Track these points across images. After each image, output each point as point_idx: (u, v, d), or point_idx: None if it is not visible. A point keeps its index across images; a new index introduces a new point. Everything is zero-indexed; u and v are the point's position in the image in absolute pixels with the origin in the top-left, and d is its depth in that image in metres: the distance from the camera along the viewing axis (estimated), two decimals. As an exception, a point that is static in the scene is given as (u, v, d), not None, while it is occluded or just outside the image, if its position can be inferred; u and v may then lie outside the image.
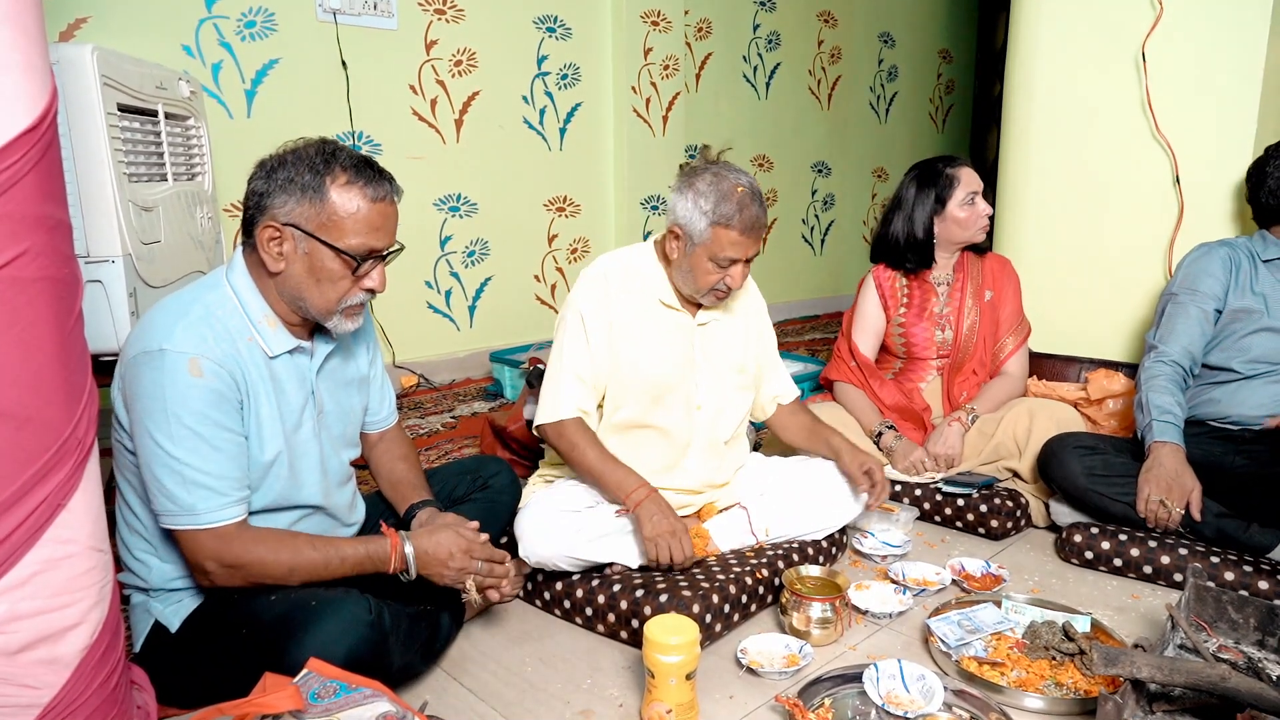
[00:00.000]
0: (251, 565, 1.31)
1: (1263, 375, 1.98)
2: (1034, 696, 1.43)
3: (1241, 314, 2.01)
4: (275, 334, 1.38)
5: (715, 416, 1.88)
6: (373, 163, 1.37)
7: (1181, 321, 2.06)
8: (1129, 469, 1.95)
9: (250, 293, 1.36)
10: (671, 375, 1.82)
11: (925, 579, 1.87)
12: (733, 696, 1.48)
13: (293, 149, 1.35)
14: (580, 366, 1.78)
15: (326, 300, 1.36)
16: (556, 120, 3.97)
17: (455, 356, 3.76)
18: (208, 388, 1.27)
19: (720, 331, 1.89)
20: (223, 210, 3.03)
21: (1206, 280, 2.05)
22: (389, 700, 1.20)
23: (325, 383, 1.50)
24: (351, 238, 1.33)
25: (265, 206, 1.32)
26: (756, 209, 1.68)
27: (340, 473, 1.56)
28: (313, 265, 1.34)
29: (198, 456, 1.26)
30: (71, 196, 1.71)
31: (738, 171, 1.72)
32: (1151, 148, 2.49)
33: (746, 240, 1.69)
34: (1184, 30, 2.39)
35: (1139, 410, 2.02)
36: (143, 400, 1.26)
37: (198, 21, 2.92)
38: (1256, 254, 2.05)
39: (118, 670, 1.07)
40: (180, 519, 1.28)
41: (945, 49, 6.07)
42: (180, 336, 1.27)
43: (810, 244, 5.42)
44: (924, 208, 2.34)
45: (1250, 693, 1.23)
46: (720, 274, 1.73)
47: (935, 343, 2.41)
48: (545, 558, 1.69)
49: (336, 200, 1.31)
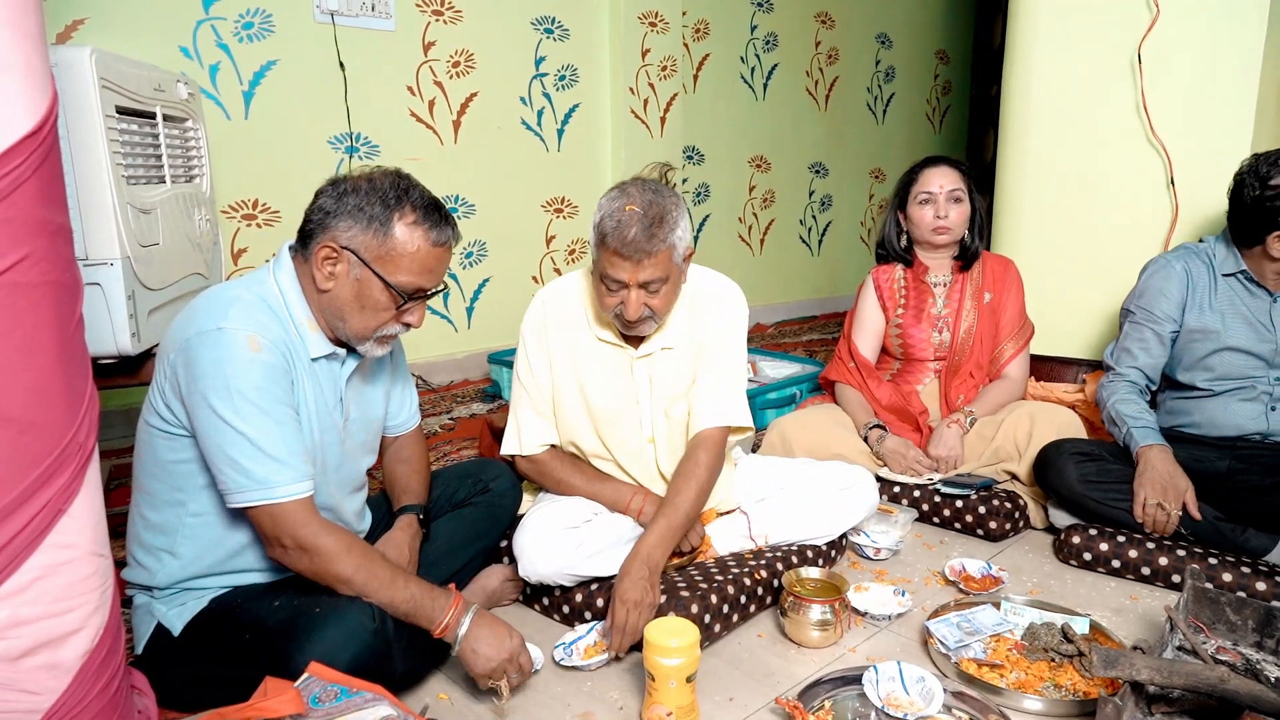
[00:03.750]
0: (321, 553, 1.30)
1: (1232, 391, 1.97)
2: (1033, 698, 1.44)
3: (1199, 334, 1.98)
4: (315, 338, 1.40)
5: (669, 450, 1.79)
6: (441, 206, 1.40)
7: (1137, 344, 2.06)
8: (1125, 475, 1.95)
9: (295, 294, 1.39)
10: (612, 409, 1.75)
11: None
12: (733, 699, 1.48)
13: (369, 176, 1.38)
14: (536, 398, 1.78)
15: (365, 326, 1.39)
16: (554, 121, 3.97)
17: (453, 358, 3.76)
18: (267, 363, 1.29)
19: (668, 360, 1.75)
20: (221, 212, 3.03)
21: (1161, 302, 2.02)
22: (390, 704, 1.20)
23: (353, 390, 1.52)
24: (404, 275, 1.36)
25: (328, 225, 1.35)
26: (637, 232, 1.52)
27: (355, 480, 1.57)
28: (360, 292, 1.36)
29: (264, 431, 1.28)
30: (70, 199, 1.70)
31: (654, 191, 1.58)
32: (1147, 150, 2.50)
33: (623, 262, 1.54)
34: (1180, 32, 2.40)
35: (1112, 426, 2.06)
36: (204, 379, 1.26)
37: (195, 23, 2.92)
38: (1215, 266, 1.99)
39: (118, 675, 1.07)
40: (254, 493, 1.28)
41: (942, 50, 6.08)
42: (236, 316, 1.29)
43: (807, 245, 5.43)
44: (892, 205, 2.45)
45: (1249, 694, 1.24)
46: (615, 299, 1.61)
47: (932, 344, 2.41)
48: (546, 575, 1.67)
49: (400, 237, 1.35)
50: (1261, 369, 1.93)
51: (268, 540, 1.33)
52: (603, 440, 1.79)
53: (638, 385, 1.76)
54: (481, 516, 1.78)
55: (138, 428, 1.40)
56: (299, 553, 1.31)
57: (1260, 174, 1.83)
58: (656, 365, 1.76)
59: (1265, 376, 1.93)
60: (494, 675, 1.39)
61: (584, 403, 1.76)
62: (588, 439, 1.80)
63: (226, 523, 1.39)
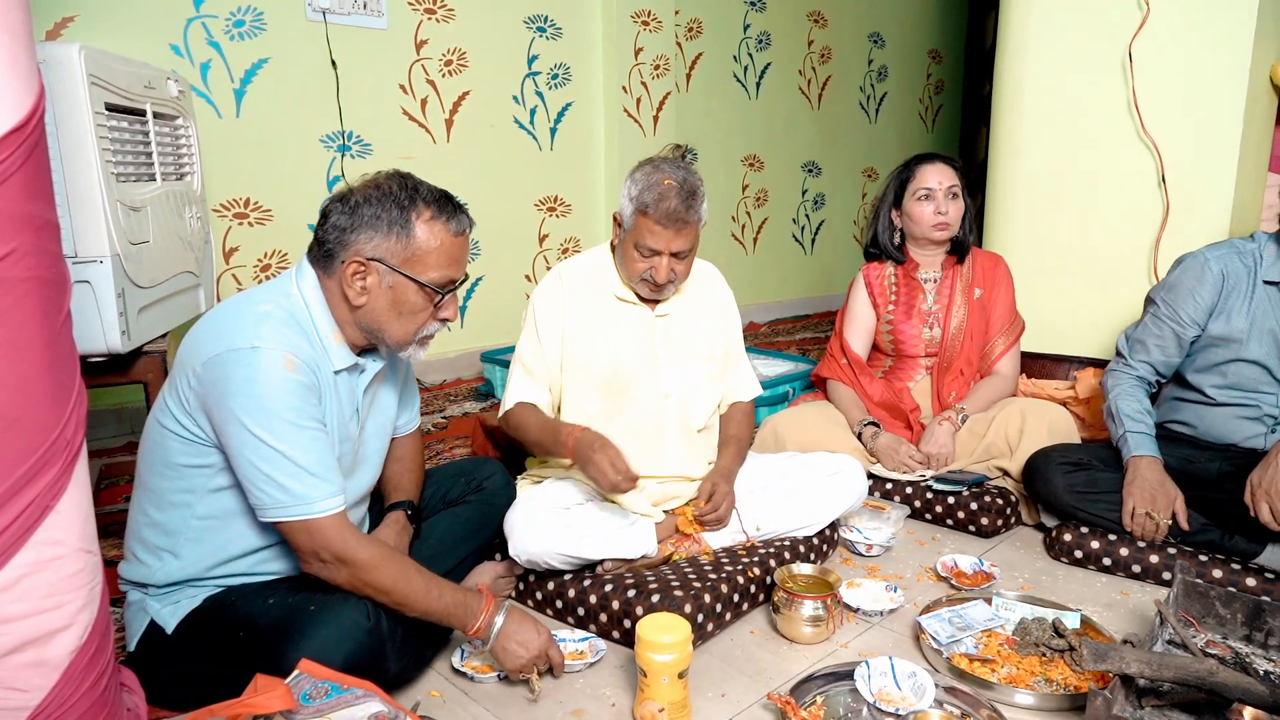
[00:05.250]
0: (362, 565, 1.31)
1: (1234, 405, 1.93)
2: (1024, 693, 1.44)
3: (1220, 340, 1.92)
4: (339, 350, 1.40)
5: (685, 404, 1.91)
6: (450, 196, 1.41)
7: (1154, 340, 2.01)
8: (1114, 484, 1.94)
9: (320, 306, 1.39)
10: (631, 366, 1.86)
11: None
12: (725, 695, 1.48)
13: (374, 184, 1.37)
14: (531, 362, 1.86)
15: (406, 332, 1.40)
16: (547, 120, 3.97)
17: (446, 356, 3.76)
18: (301, 384, 1.29)
19: (684, 321, 1.93)
20: (212, 211, 3.02)
21: (1189, 304, 1.93)
22: (381, 700, 1.20)
23: (369, 400, 1.52)
24: (434, 271, 1.37)
25: (348, 242, 1.35)
26: (677, 203, 1.69)
27: (363, 491, 1.56)
28: (396, 298, 1.37)
29: (301, 448, 1.28)
30: (59, 196, 1.70)
31: (683, 169, 1.76)
32: (1138, 148, 2.51)
33: (664, 231, 1.71)
34: (1170, 31, 2.41)
35: (1110, 420, 2.03)
36: (237, 397, 1.26)
37: (186, 21, 2.91)
38: (1258, 269, 1.88)
39: (107, 673, 1.06)
40: (294, 509, 1.28)
41: (935, 49, 6.09)
42: (269, 335, 1.29)
43: (801, 243, 5.44)
44: (887, 200, 2.45)
45: (1238, 687, 1.24)
46: (645, 264, 1.77)
47: (923, 340, 2.42)
48: (535, 555, 1.68)
49: (421, 235, 1.35)
50: (1272, 386, 1.87)
51: (303, 555, 1.33)
52: (619, 396, 1.85)
53: (656, 343, 1.89)
54: (475, 515, 1.77)
55: (146, 425, 1.40)
56: (338, 566, 1.31)
57: None
58: (674, 325, 1.92)
59: (1274, 396, 1.88)
60: (525, 670, 1.42)
61: (601, 363, 1.84)
62: (595, 401, 1.85)
63: (232, 528, 1.38)
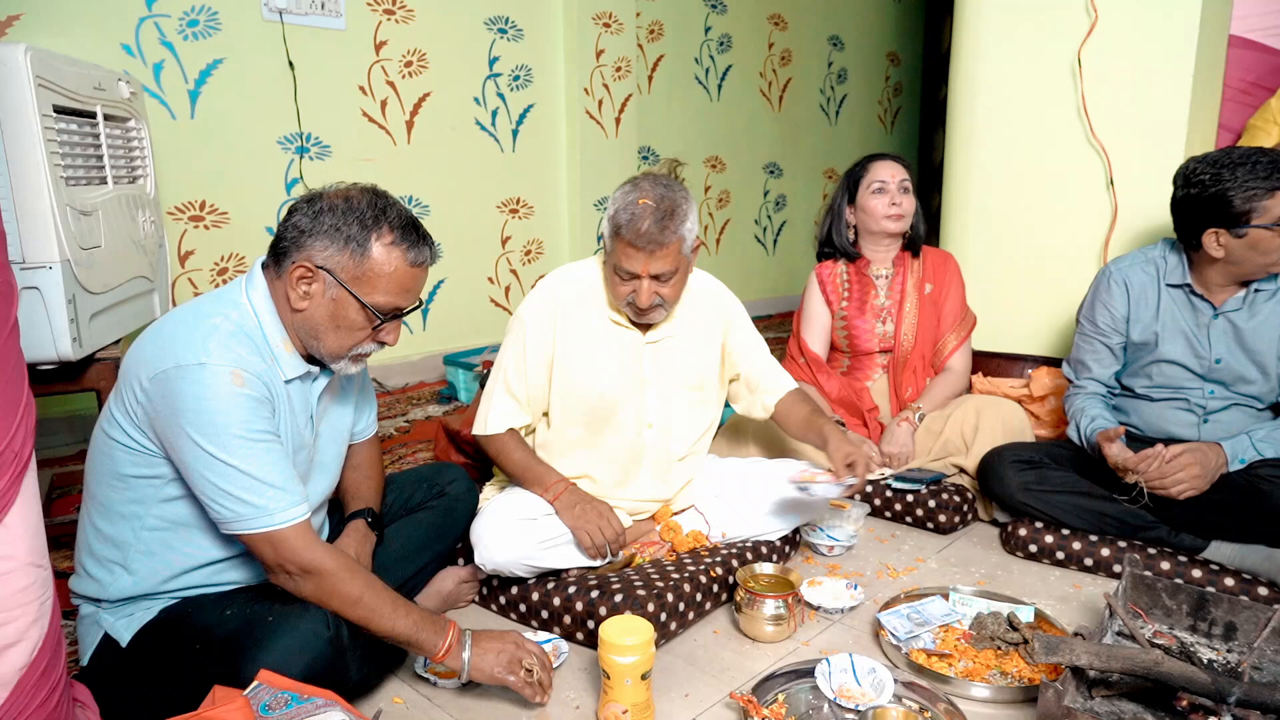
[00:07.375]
0: (329, 575, 1.29)
1: (1168, 400, 2.00)
2: (980, 686, 1.47)
3: (1139, 345, 2.03)
4: (290, 359, 1.38)
5: (666, 435, 1.87)
6: (419, 225, 1.39)
7: (1090, 356, 2.10)
8: (1066, 481, 2.00)
9: (270, 315, 1.36)
10: (616, 394, 1.81)
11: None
12: (688, 695, 1.50)
13: (346, 195, 1.35)
14: (514, 382, 1.80)
15: (340, 345, 1.38)
16: (509, 122, 3.96)
17: (408, 360, 3.73)
18: (251, 398, 1.27)
19: (674, 348, 1.86)
20: (167, 214, 2.96)
21: (1105, 316, 2.05)
22: (342, 709, 1.19)
23: (322, 407, 1.50)
24: (381, 295, 1.35)
25: (303, 245, 1.33)
26: (650, 224, 1.60)
27: (318, 498, 1.54)
28: (336, 312, 1.35)
29: (258, 463, 1.26)
30: (5, 201, 1.66)
31: (665, 185, 1.67)
32: (1087, 151, 2.57)
33: (638, 254, 1.63)
34: (1118, 37, 2.47)
35: (1076, 435, 2.05)
36: (186, 414, 1.24)
37: (138, 20, 2.85)
38: (1161, 275, 2.00)
39: (59, 688, 1.04)
40: (255, 522, 1.27)
41: (893, 52, 6.18)
42: (217, 349, 1.26)
43: (763, 244, 5.48)
44: (841, 198, 2.50)
45: (1182, 676, 1.28)
46: (627, 287, 1.70)
47: (877, 335, 2.46)
48: (501, 564, 1.68)
49: (377, 257, 1.33)
50: (1195, 382, 1.96)
51: (269, 568, 1.31)
52: (601, 422, 1.81)
53: (644, 370, 1.83)
54: (437, 520, 1.77)
55: (93, 436, 1.37)
56: (304, 577, 1.29)
57: (1188, 172, 1.89)
58: (664, 351, 1.85)
59: (1199, 389, 1.96)
60: (514, 685, 1.40)
61: (588, 391, 1.79)
62: (576, 428, 1.82)
63: (184, 540, 1.36)
